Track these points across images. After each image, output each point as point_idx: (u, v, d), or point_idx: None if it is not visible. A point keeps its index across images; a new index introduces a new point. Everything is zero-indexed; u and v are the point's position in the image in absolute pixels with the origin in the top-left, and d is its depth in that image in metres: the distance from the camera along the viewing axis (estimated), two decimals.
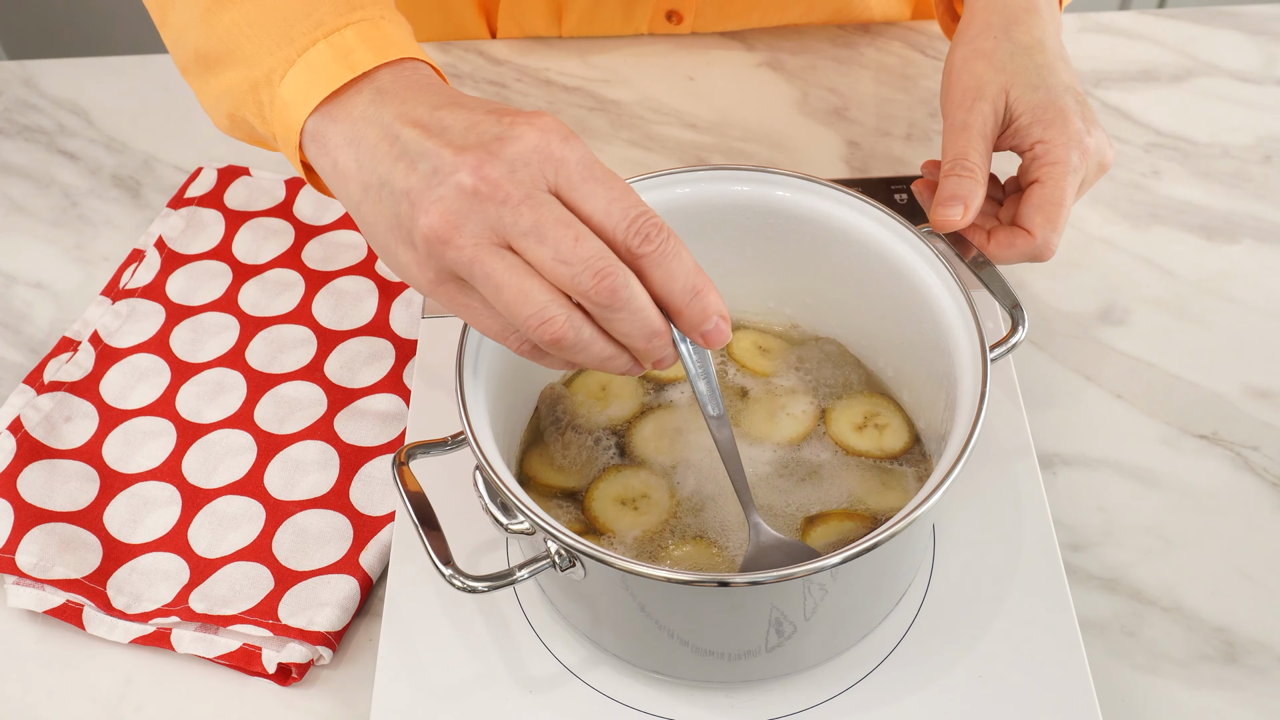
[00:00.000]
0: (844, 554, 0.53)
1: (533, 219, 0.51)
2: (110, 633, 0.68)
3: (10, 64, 1.05)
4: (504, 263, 0.52)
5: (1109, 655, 0.67)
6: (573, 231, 0.51)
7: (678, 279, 0.53)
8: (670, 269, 0.53)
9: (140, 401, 0.79)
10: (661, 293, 0.53)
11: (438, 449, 0.61)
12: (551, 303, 0.52)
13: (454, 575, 0.56)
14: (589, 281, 0.51)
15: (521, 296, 0.51)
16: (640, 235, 0.52)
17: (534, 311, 0.51)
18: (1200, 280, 0.85)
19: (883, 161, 0.94)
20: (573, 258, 0.51)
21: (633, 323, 0.53)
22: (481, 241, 0.52)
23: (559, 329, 0.52)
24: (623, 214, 0.52)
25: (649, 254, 0.52)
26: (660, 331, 0.53)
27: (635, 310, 0.52)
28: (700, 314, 0.54)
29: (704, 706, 0.63)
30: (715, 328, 0.54)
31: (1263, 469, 0.75)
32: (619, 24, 1.03)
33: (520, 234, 0.51)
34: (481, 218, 0.51)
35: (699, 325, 0.54)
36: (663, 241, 0.52)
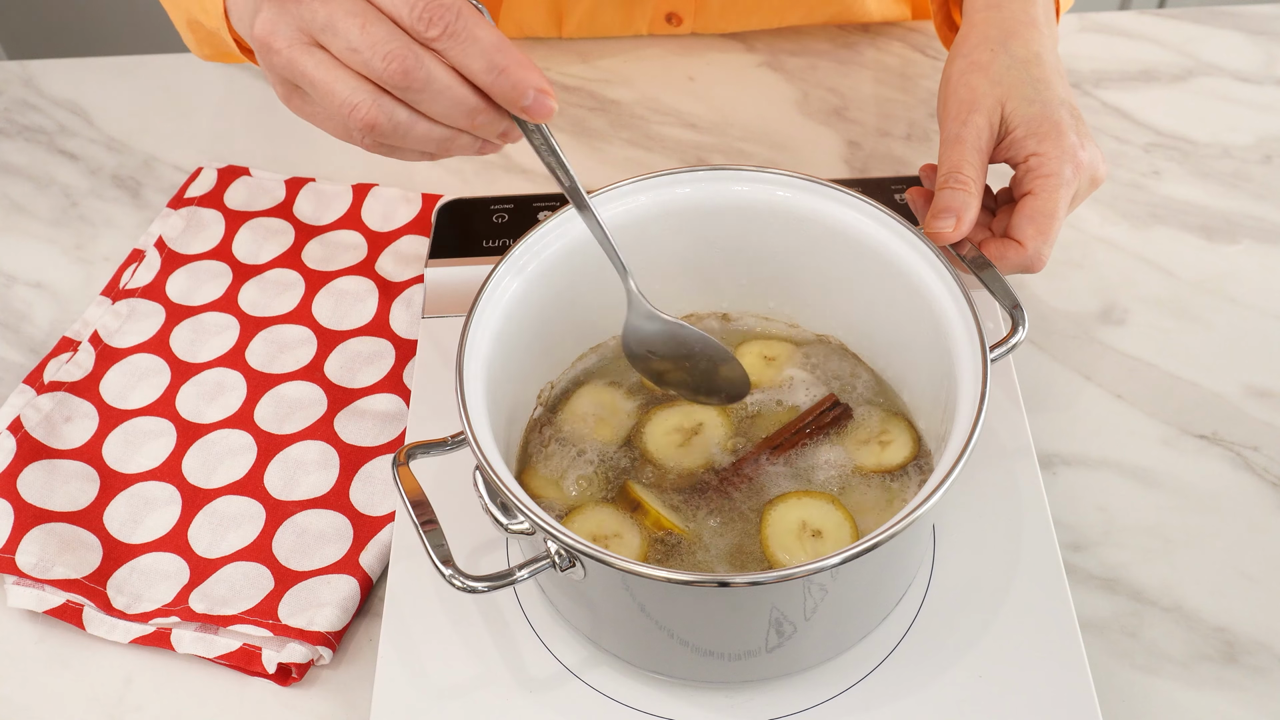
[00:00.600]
0: (844, 554, 0.53)
1: (326, 12, 0.53)
2: (110, 633, 0.68)
3: (10, 64, 1.05)
4: (313, 59, 0.54)
5: (1109, 655, 0.67)
6: (359, 20, 0.52)
7: (475, 59, 0.53)
8: (463, 50, 0.53)
9: (140, 401, 0.79)
10: (466, 75, 0.54)
11: (437, 449, 0.61)
12: (356, 89, 0.53)
13: (454, 575, 0.56)
14: (380, 65, 0.52)
15: (330, 90, 0.53)
16: (424, 20, 0.52)
17: (342, 101, 0.53)
18: (1200, 280, 0.85)
19: (883, 161, 0.94)
20: (361, 44, 0.52)
21: (440, 101, 0.53)
22: (295, 43, 0.54)
23: (367, 114, 0.53)
24: (407, 3, 0.52)
25: (436, 38, 0.53)
26: (478, 108, 0.54)
27: (438, 90, 0.53)
28: (510, 90, 0.53)
29: (704, 706, 0.63)
30: (534, 102, 0.54)
31: (1263, 469, 0.75)
32: (619, 26, 1.03)
33: (319, 29, 0.53)
34: (288, 19, 0.54)
35: (515, 101, 0.54)
36: (449, 24, 0.52)
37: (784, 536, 0.64)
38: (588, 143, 0.97)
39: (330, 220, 0.91)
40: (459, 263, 0.82)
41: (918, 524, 0.54)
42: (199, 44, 0.79)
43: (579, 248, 0.67)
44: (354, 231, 0.89)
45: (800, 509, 0.65)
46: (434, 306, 0.81)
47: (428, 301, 0.81)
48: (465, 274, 0.81)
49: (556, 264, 0.67)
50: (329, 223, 0.90)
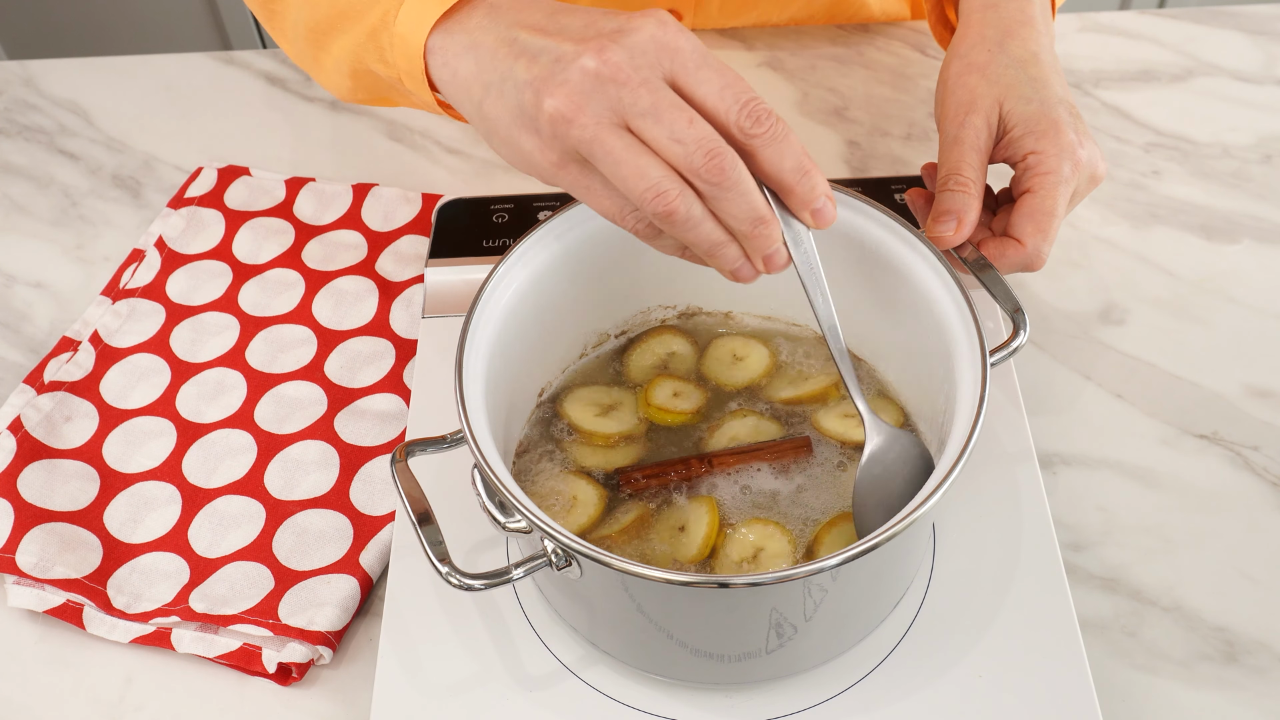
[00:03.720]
0: (844, 554, 0.53)
1: (650, 100, 0.55)
2: (110, 633, 0.68)
3: (10, 64, 1.05)
4: (622, 141, 0.55)
5: (1109, 655, 0.67)
6: (686, 114, 0.55)
7: (787, 159, 0.56)
8: (780, 150, 0.56)
9: (140, 401, 0.79)
10: (772, 172, 0.56)
11: (436, 447, 0.61)
12: (665, 178, 0.55)
13: (450, 573, 0.56)
14: (700, 159, 0.54)
15: (638, 172, 0.55)
16: (752, 118, 0.55)
17: (649, 185, 0.55)
18: (1200, 280, 0.85)
19: (883, 161, 0.94)
20: (686, 137, 0.54)
21: (739, 204, 0.55)
22: (603, 121, 0.55)
23: (672, 202, 0.55)
24: (735, 98, 0.55)
25: (759, 135, 0.55)
26: (764, 218, 0.56)
27: (742, 192, 0.55)
28: (810, 191, 0.57)
29: (703, 706, 0.63)
30: (823, 206, 0.57)
31: (1263, 469, 0.75)
32: None
33: (638, 114, 0.55)
34: (603, 98, 0.55)
35: (809, 203, 0.57)
36: (773, 125, 0.55)
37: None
38: None
39: (330, 220, 0.91)
40: (459, 263, 0.82)
41: (917, 524, 0.54)
42: (355, 90, 0.76)
43: (579, 248, 0.67)
44: (354, 231, 0.90)
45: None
46: (434, 306, 0.81)
47: (428, 301, 0.81)
48: (465, 274, 0.82)
49: (556, 264, 0.67)
50: (329, 223, 0.90)
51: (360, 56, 0.69)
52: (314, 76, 0.78)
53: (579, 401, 0.71)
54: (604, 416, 0.70)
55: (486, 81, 0.60)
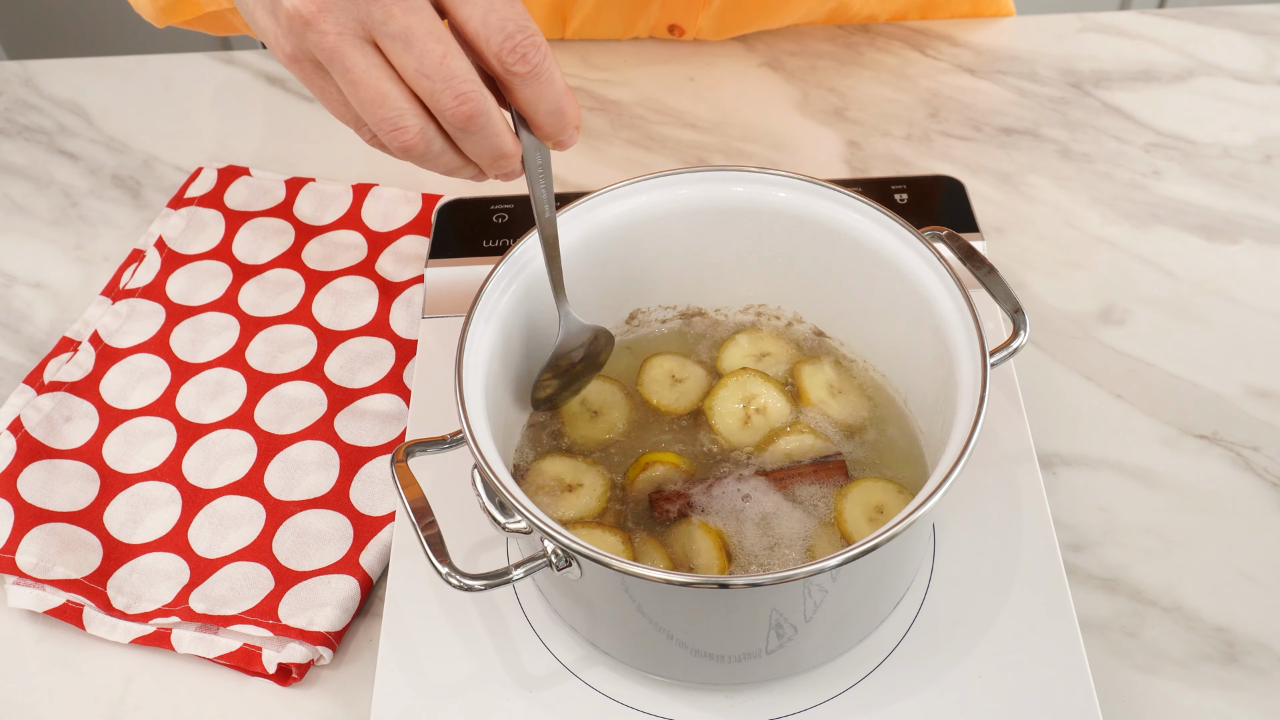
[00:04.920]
0: (844, 555, 0.53)
1: (404, 22, 0.50)
2: (110, 633, 0.68)
3: (10, 64, 1.05)
4: (366, 60, 0.51)
5: (1109, 655, 0.67)
6: (441, 47, 0.50)
7: (545, 101, 0.53)
8: (539, 90, 0.53)
9: (140, 401, 0.79)
10: (527, 110, 0.53)
11: (436, 447, 0.61)
12: (407, 111, 0.51)
13: (450, 573, 0.56)
14: (448, 101, 0.50)
15: (378, 98, 0.51)
16: (516, 53, 0.51)
17: (388, 116, 0.51)
18: (1200, 280, 0.85)
19: (883, 161, 0.94)
20: (436, 73, 0.50)
21: (484, 145, 0.52)
22: (345, 32, 0.50)
23: (411, 138, 0.51)
24: (500, 25, 0.51)
25: (522, 74, 0.52)
26: (509, 154, 0.54)
27: (489, 135, 0.52)
28: (559, 130, 0.54)
29: (703, 706, 0.63)
30: (569, 137, 0.55)
31: (1263, 469, 0.75)
32: (620, 33, 1.03)
33: (388, 35, 0.50)
34: (352, 7, 0.50)
35: (555, 135, 0.55)
36: (538, 63, 0.52)
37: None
38: (588, 143, 0.96)
39: (330, 220, 0.91)
40: (459, 263, 0.82)
41: (917, 525, 0.54)
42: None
43: (578, 248, 0.67)
44: (354, 231, 0.89)
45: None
46: (434, 306, 0.81)
47: (428, 301, 0.81)
48: (465, 274, 0.81)
49: None
50: (329, 223, 0.90)
51: None
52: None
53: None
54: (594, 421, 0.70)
55: None
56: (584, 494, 0.67)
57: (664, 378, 0.72)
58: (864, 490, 0.66)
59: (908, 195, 0.86)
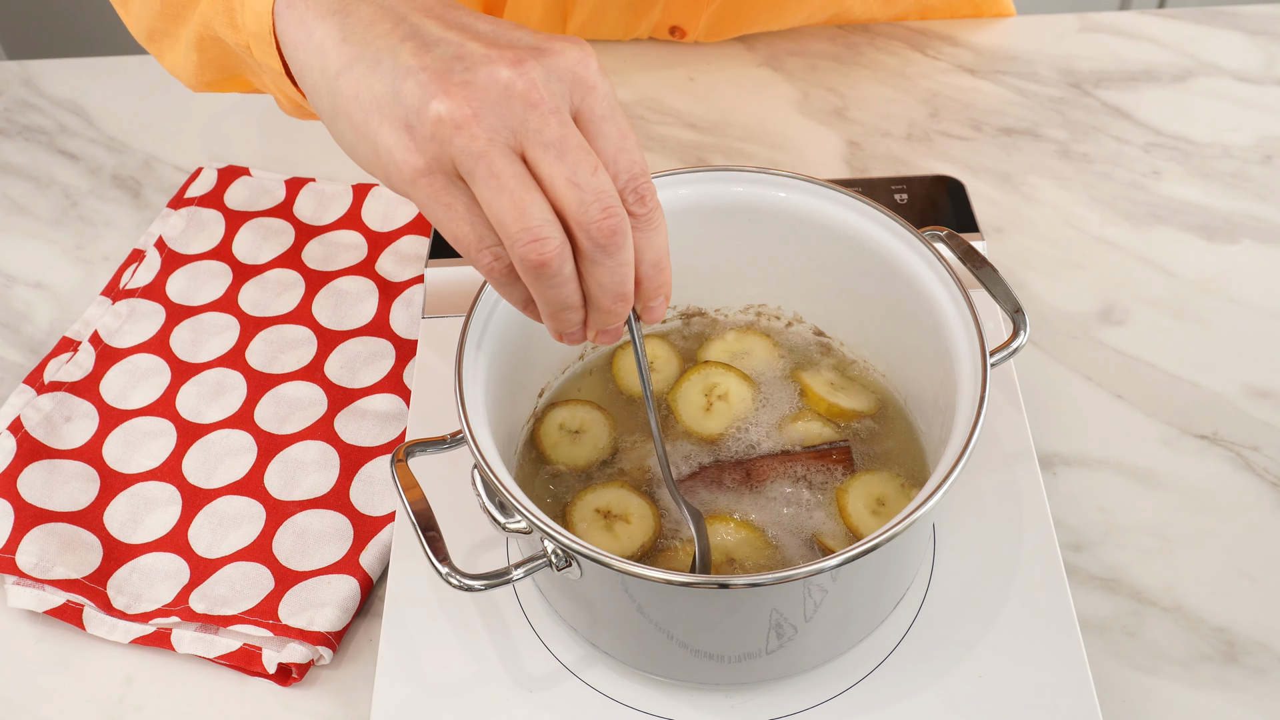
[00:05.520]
0: (844, 555, 0.53)
1: (560, 133, 0.49)
2: (110, 633, 0.68)
3: (10, 64, 1.05)
4: (513, 167, 0.49)
5: (1109, 655, 0.67)
6: (593, 160, 0.49)
7: (653, 249, 0.53)
8: (649, 238, 0.52)
9: (140, 401, 0.79)
10: (637, 258, 0.52)
11: (436, 447, 0.61)
12: (550, 222, 0.49)
13: (450, 573, 0.56)
14: (597, 214, 0.49)
15: (520, 207, 0.49)
16: (638, 195, 0.51)
17: (529, 226, 0.49)
18: (1200, 280, 0.85)
19: (883, 161, 0.94)
20: (588, 185, 0.49)
21: (615, 274, 0.51)
22: (497, 138, 0.48)
23: (548, 252, 0.49)
24: (628, 165, 0.51)
25: (640, 216, 0.51)
26: (628, 296, 0.53)
27: (623, 262, 0.51)
28: (657, 288, 0.54)
29: (703, 706, 0.63)
30: (660, 304, 0.55)
31: (1263, 469, 0.75)
32: (621, 33, 1.03)
33: (542, 144, 0.49)
34: (507, 114, 0.48)
35: (651, 298, 0.54)
36: (654, 208, 0.52)
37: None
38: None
39: (330, 220, 0.91)
40: (459, 263, 0.82)
41: (917, 525, 0.54)
42: (202, 67, 0.65)
43: None
44: (354, 231, 0.89)
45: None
46: (434, 306, 0.81)
47: (428, 301, 0.81)
48: (465, 274, 0.81)
49: None
50: (329, 223, 0.90)
51: (208, 21, 0.60)
52: (164, 60, 0.68)
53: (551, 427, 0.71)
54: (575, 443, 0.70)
55: (354, 54, 0.51)
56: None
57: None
58: (865, 483, 0.66)
59: (908, 195, 0.86)
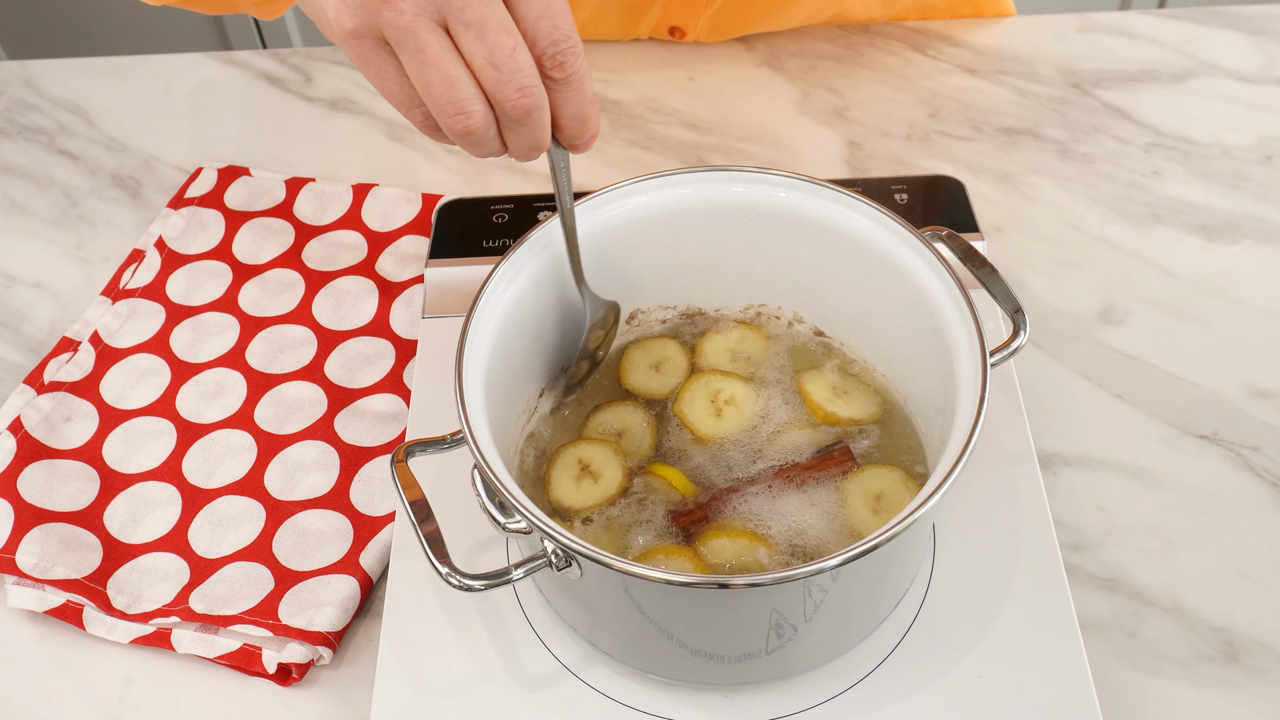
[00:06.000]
0: (844, 555, 0.53)
1: (480, 12, 0.52)
2: (110, 633, 0.68)
3: (10, 64, 1.05)
4: (439, 43, 0.52)
5: (1109, 655, 0.67)
6: (512, 40, 0.52)
7: (571, 105, 0.56)
8: (569, 96, 0.55)
9: (140, 401, 0.79)
10: (554, 112, 0.56)
11: (436, 447, 0.61)
12: (474, 97, 0.53)
13: (450, 573, 0.56)
14: (512, 94, 0.53)
15: (447, 82, 0.52)
16: (556, 60, 0.54)
17: (455, 99, 0.53)
18: (1200, 280, 0.85)
19: (883, 161, 0.94)
20: (505, 65, 0.52)
21: (528, 137, 0.55)
22: (421, 13, 0.52)
23: (475, 123, 0.53)
24: (548, 31, 0.53)
25: (558, 80, 0.55)
26: (543, 147, 0.57)
27: (536, 129, 0.55)
28: (578, 134, 0.57)
29: (703, 706, 0.63)
30: (585, 142, 0.58)
31: (1263, 469, 0.75)
32: (621, 34, 1.03)
33: (463, 21, 0.52)
34: None
35: (574, 140, 0.58)
36: (574, 70, 0.55)
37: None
38: None
39: (330, 220, 0.91)
40: (459, 263, 0.82)
41: (918, 525, 0.54)
42: None
43: (580, 248, 0.67)
44: (354, 231, 0.90)
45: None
46: (434, 306, 0.81)
47: (428, 301, 0.81)
48: (465, 274, 0.81)
49: (557, 264, 0.67)
50: (329, 223, 0.90)
51: None
52: None
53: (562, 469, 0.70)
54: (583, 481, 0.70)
55: None
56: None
57: (648, 364, 0.73)
58: (863, 479, 0.66)
59: (908, 195, 0.86)
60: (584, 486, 0.67)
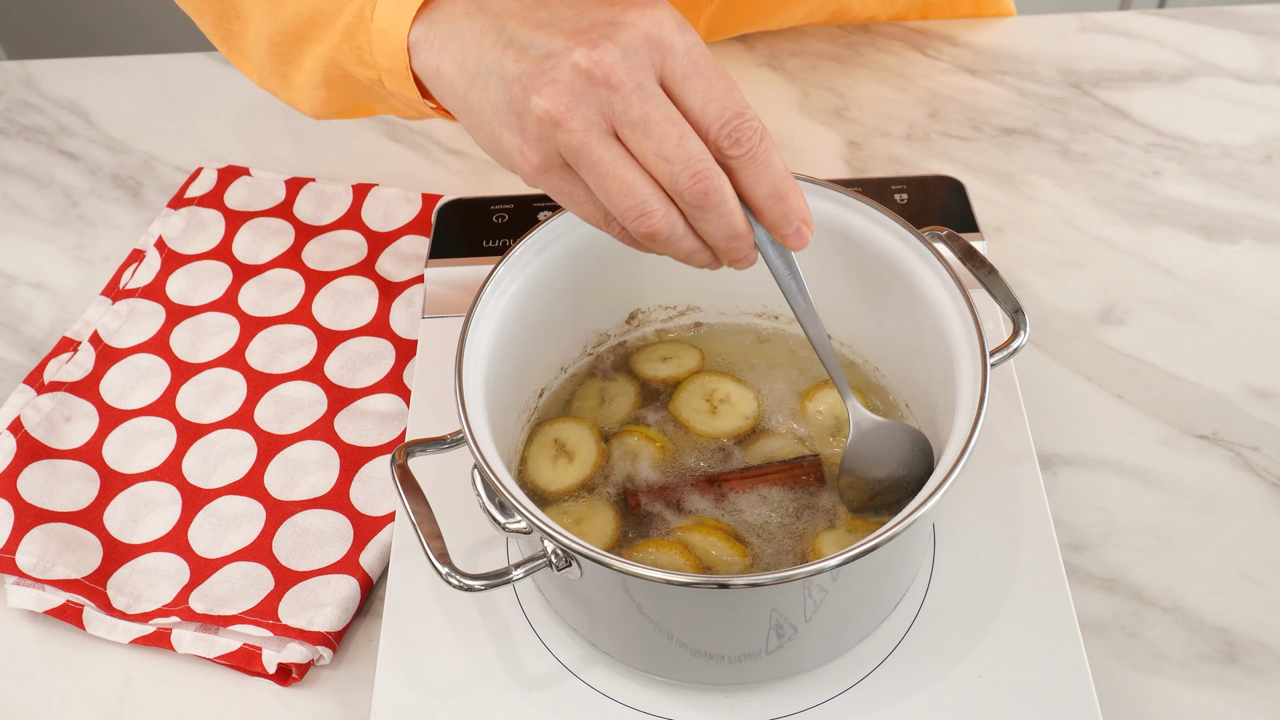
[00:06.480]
0: (844, 555, 0.53)
1: (642, 110, 0.52)
2: (110, 633, 0.68)
3: (10, 64, 1.05)
4: (610, 152, 0.53)
5: (1109, 655, 0.67)
6: (677, 129, 0.53)
7: (762, 184, 0.55)
8: (756, 173, 0.55)
9: (140, 401, 0.79)
10: (747, 195, 0.55)
11: (436, 447, 0.61)
12: (652, 197, 0.53)
13: (450, 574, 0.56)
14: (686, 181, 0.53)
15: (624, 188, 0.53)
16: (731, 139, 0.54)
17: (634, 204, 0.53)
18: (1200, 280, 0.85)
19: (883, 161, 0.94)
20: (674, 156, 0.52)
21: (719, 224, 0.55)
22: (591, 127, 0.53)
23: (656, 223, 0.54)
24: (717, 114, 0.53)
25: (737, 157, 0.54)
26: (741, 234, 0.56)
27: (723, 213, 0.54)
28: (781, 218, 0.56)
29: (703, 706, 0.63)
30: (796, 231, 0.57)
31: (1263, 469, 0.75)
32: None
33: (629, 123, 0.53)
34: (594, 101, 0.53)
35: (780, 228, 0.56)
36: (753, 146, 0.54)
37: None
38: None
39: (330, 220, 0.91)
40: (459, 263, 0.82)
41: (918, 525, 0.54)
42: (330, 101, 0.71)
43: (578, 248, 0.67)
44: (354, 231, 0.90)
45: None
46: (434, 306, 0.81)
47: (428, 301, 0.81)
48: (465, 274, 0.82)
49: (557, 264, 0.67)
50: (329, 223, 0.90)
51: (336, 61, 0.65)
52: (282, 96, 0.74)
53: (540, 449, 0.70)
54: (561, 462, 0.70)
55: (473, 74, 0.57)
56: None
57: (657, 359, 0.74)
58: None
59: (908, 195, 0.86)
60: (559, 466, 0.67)
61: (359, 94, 0.69)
